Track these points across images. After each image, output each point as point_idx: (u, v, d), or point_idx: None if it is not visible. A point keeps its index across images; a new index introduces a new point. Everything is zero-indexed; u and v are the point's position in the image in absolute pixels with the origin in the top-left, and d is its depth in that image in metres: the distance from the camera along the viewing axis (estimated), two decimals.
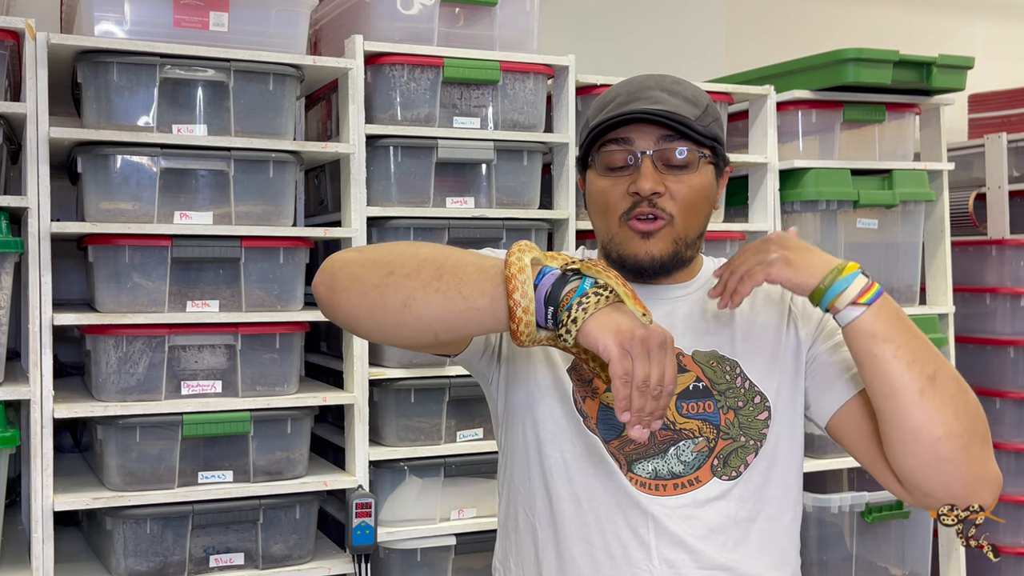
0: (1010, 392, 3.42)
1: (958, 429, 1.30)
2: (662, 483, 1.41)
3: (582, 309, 1.15)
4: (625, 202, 1.41)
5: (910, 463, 1.33)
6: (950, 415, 1.30)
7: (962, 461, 1.31)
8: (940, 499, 1.35)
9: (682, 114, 1.39)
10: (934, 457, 1.30)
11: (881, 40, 3.10)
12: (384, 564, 2.49)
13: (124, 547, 2.24)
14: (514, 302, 1.17)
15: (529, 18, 2.66)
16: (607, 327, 1.14)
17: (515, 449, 1.48)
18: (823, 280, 1.32)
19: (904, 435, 1.31)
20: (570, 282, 1.18)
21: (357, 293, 1.27)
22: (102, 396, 2.25)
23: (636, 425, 1.14)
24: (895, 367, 1.30)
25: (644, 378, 1.12)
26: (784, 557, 1.46)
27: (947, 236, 3.25)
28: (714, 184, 1.46)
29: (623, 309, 1.17)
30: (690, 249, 1.45)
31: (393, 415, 2.50)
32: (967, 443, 1.31)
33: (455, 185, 2.57)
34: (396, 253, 1.28)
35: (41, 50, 2.17)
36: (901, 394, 1.30)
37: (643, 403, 1.12)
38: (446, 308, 1.21)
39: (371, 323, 1.29)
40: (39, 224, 2.17)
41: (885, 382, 1.30)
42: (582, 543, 1.41)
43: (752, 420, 1.43)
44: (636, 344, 1.12)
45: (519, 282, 1.17)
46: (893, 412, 1.31)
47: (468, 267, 1.22)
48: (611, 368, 1.13)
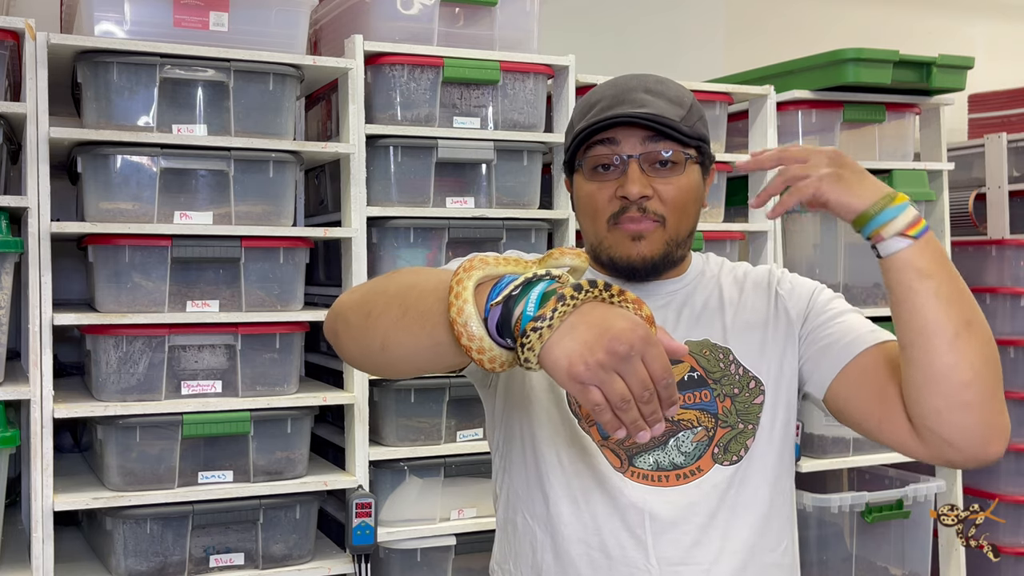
0: (1010, 392, 3.41)
1: (987, 376, 1.29)
2: (664, 474, 1.42)
3: (537, 335, 1.04)
4: (613, 205, 1.42)
5: (933, 403, 1.30)
6: (979, 362, 1.29)
7: (984, 409, 1.30)
8: (955, 445, 1.32)
9: (667, 116, 1.39)
10: (958, 401, 1.29)
11: (881, 40, 3.10)
12: (384, 564, 2.49)
13: (124, 547, 2.24)
14: (465, 347, 1.08)
15: (529, 18, 2.66)
16: (558, 363, 1.04)
17: (512, 452, 1.49)
18: (874, 205, 1.28)
19: (931, 376, 1.29)
20: (518, 302, 1.07)
21: (348, 338, 1.26)
22: (102, 396, 2.25)
23: (640, 432, 1.05)
24: (934, 305, 1.28)
25: (621, 395, 1.02)
26: (779, 537, 1.47)
27: (947, 236, 3.25)
28: (701, 183, 1.47)
29: (584, 316, 1.05)
30: (680, 248, 1.46)
31: (393, 415, 2.50)
32: (991, 392, 1.30)
33: (455, 185, 2.57)
34: (377, 291, 1.24)
35: (41, 50, 2.17)
36: (936, 333, 1.28)
37: (633, 416, 1.04)
38: (415, 347, 1.17)
39: (367, 366, 1.29)
40: (39, 224, 2.17)
41: (921, 318, 1.28)
42: (580, 545, 1.41)
43: (749, 405, 1.44)
44: (593, 371, 1.02)
45: (460, 326, 1.08)
46: (923, 351, 1.29)
47: (430, 297, 1.14)
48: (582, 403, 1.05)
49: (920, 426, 1.33)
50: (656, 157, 1.40)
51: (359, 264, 2.45)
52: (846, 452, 3.01)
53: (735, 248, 2.95)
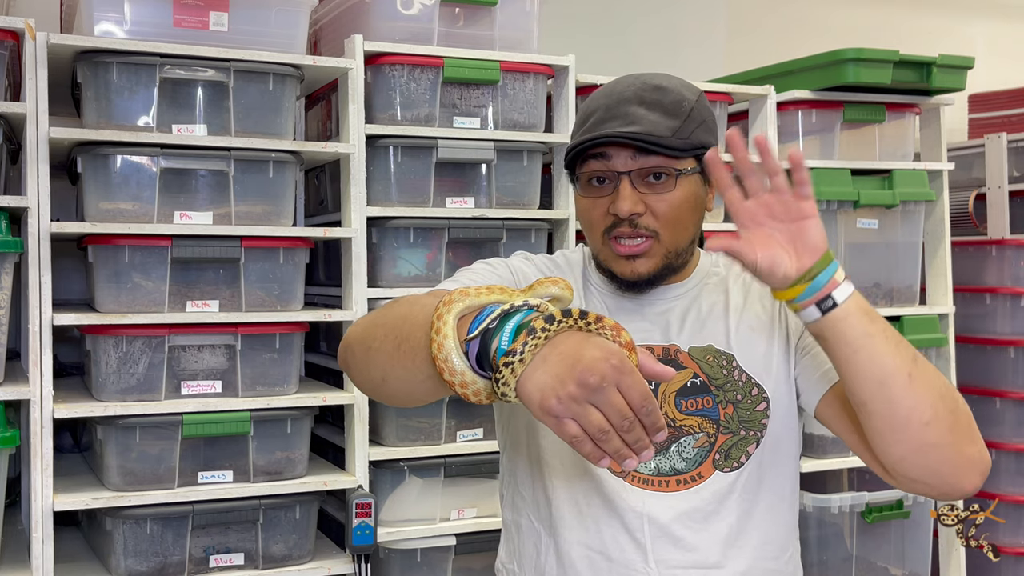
0: (1010, 392, 3.41)
1: (943, 411, 1.28)
2: (664, 479, 1.42)
3: (509, 370, 1.04)
4: (607, 220, 1.42)
5: (897, 451, 1.30)
6: (936, 397, 1.28)
7: (948, 444, 1.28)
8: (929, 484, 1.32)
9: (657, 132, 1.37)
10: (921, 443, 1.28)
11: (881, 40, 3.10)
12: (384, 564, 2.49)
13: (124, 547, 2.24)
14: (447, 381, 1.09)
15: (529, 18, 2.66)
16: (531, 397, 1.03)
17: (517, 455, 1.50)
18: (809, 271, 1.28)
19: (893, 424, 1.28)
20: (495, 335, 1.06)
21: (355, 371, 1.29)
22: (102, 396, 2.25)
23: (625, 460, 1.02)
24: (888, 348, 1.27)
25: (598, 427, 1.00)
26: (783, 546, 1.47)
27: (947, 236, 3.25)
28: (700, 191, 1.45)
29: (557, 347, 1.04)
30: (681, 257, 1.46)
31: (393, 415, 2.50)
32: (952, 425, 1.28)
33: (455, 185, 2.57)
34: (378, 323, 1.25)
35: (41, 50, 2.17)
36: (894, 377, 1.26)
37: (615, 445, 1.01)
38: (409, 380, 1.18)
39: (375, 396, 1.31)
40: (39, 224, 2.17)
41: (879, 366, 1.27)
42: (581, 547, 1.42)
43: (751, 412, 1.44)
44: (565, 404, 1.00)
45: (441, 361, 1.08)
46: (884, 401, 1.27)
47: (419, 330, 1.14)
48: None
49: (890, 469, 1.34)
50: (647, 172, 1.40)
51: (359, 264, 2.45)
52: (846, 452, 3.01)
53: None
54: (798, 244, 1.29)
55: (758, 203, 1.31)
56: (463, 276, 1.44)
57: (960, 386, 3.28)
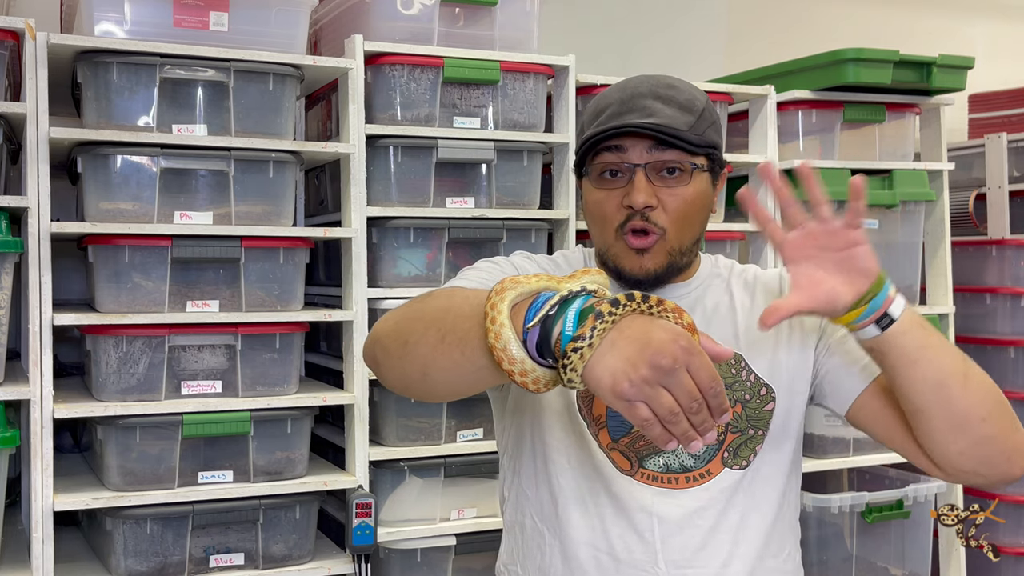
0: (1010, 392, 3.41)
1: (995, 404, 1.32)
2: (674, 476, 1.42)
3: (578, 355, 1.04)
4: (620, 214, 1.41)
5: (957, 447, 1.33)
6: (987, 392, 1.32)
7: (1003, 436, 1.32)
8: (983, 475, 1.36)
9: (674, 126, 1.38)
10: (980, 437, 1.31)
11: (881, 40, 3.10)
12: (384, 564, 2.49)
13: (124, 547, 2.24)
14: (507, 371, 1.08)
15: (529, 18, 2.66)
16: (601, 381, 1.03)
17: (522, 454, 1.49)
18: (863, 297, 1.29)
19: (951, 423, 1.31)
20: (556, 321, 1.07)
21: (388, 366, 1.26)
22: (102, 396, 2.25)
23: (692, 442, 1.03)
24: (943, 354, 1.30)
25: (669, 409, 1.01)
26: (783, 544, 1.47)
27: (947, 236, 3.25)
28: (710, 190, 1.46)
29: (624, 331, 1.04)
30: (685, 257, 1.45)
31: (393, 415, 2.50)
32: (1003, 415, 1.32)
33: (455, 185, 2.57)
34: (413, 317, 1.23)
35: (41, 50, 2.17)
36: (952, 381, 1.30)
37: (683, 427, 1.02)
38: (456, 372, 1.17)
39: (409, 392, 1.29)
40: (39, 224, 2.17)
41: (937, 371, 1.29)
42: (588, 547, 1.41)
43: (759, 412, 1.44)
44: (638, 387, 1.01)
45: (500, 350, 1.08)
46: (943, 403, 1.30)
47: (466, 322, 1.14)
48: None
49: (945, 464, 1.36)
50: (662, 166, 1.40)
51: (359, 264, 2.45)
52: (846, 452, 3.01)
53: (735, 248, 2.95)
54: (851, 271, 1.29)
55: (805, 235, 1.30)
56: (472, 275, 1.43)
57: None
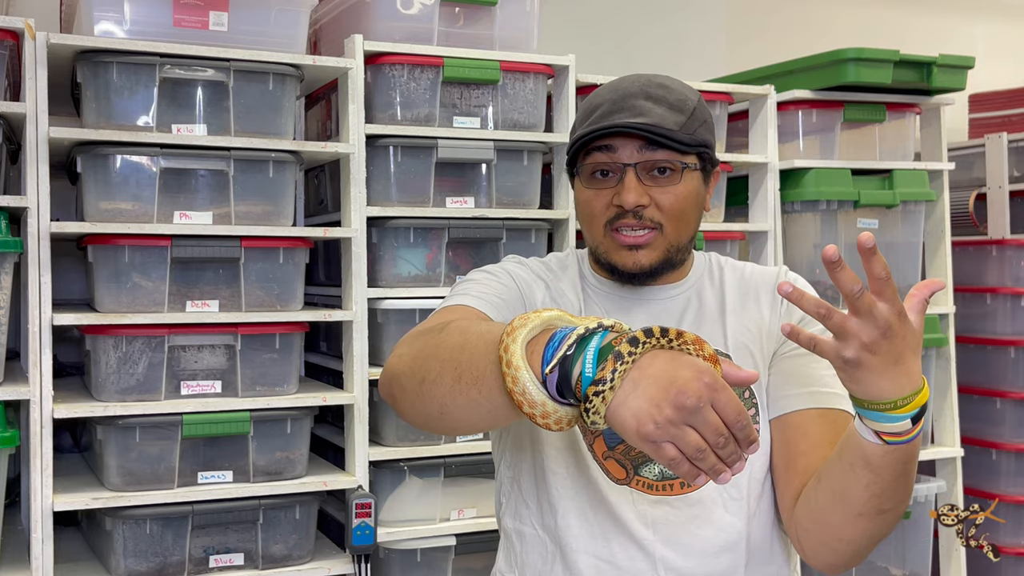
0: (1010, 392, 3.41)
1: (877, 540, 1.34)
2: (669, 483, 1.42)
3: (600, 399, 1.02)
4: (609, 212, 1.42)
5: (823, 553, 1.37)
6: (878, 535, 1.33)
7: (866, 555, 1.37)
8: (809, 559, 1.41)
9: (664, 125, 1.38)
10: (850, 556, 1.35)
11: (881, 40, 3.10)
12: (384, 564, 2.49)
13: (124, 547, 2.24)
14: (528, 414, 1.07)
15: (529, 18, 2.65)
16: (626, 424, 1.02)
17: (522, 464, 1.49)
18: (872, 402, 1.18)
19: (829, 536, 1.34)
20: (575, 362, 1.04)
21: (406, 404, 1.26)
22: (102, 396, 2.25)
23: (721, 475, 1.02)
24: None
25: (696, 446, 1.00)
26: (774, 550, 1.47)
27: (947, 236, 3.25)
28: (702, 189, 1.46)
29: (646, 370, 1.02)
30: (681, 253, 1.46)
31: (393, 415, 2.49)
32: (876, 544, 1.36)
33: (455, 185, 2.57)
34: (428, 354, 1.21)
35: (41, 50, 2.17)
36: (850, 507, 1.29)
37: (711, 462, 1.01)
38: (475, 411, 1.16)
39: (430, 428, 1.29)
40: (39, 224, 2.17)
41: (847, 491, 1.28)
42: (588, 556, 1.42)
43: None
44: (664, 428, 1.00)
45: (519, 395, 1.06)
46: (840, 514, 1.31)
47: (482, 360, 1.12)
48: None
49: (805, 552, 1.40)
50: (652, 166, 1.40)
51: (359, 264, 2.45)
52: None
53: (735, 248, 2.95)
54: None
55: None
56: (471, 288, 1.43)
57: (960, 386, 3.29)
